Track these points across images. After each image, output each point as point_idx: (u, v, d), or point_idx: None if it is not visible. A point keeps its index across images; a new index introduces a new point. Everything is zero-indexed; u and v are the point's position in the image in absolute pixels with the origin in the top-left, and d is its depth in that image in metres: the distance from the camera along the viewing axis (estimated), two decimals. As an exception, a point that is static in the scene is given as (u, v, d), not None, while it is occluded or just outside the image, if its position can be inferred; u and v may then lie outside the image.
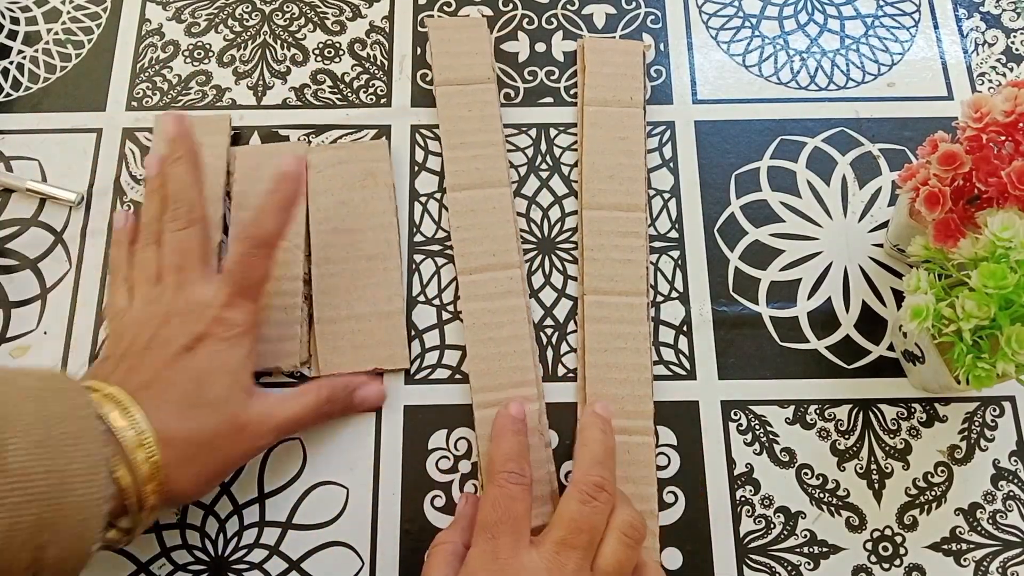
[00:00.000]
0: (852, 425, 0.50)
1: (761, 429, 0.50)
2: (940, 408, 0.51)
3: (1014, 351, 0.40)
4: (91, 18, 0.61)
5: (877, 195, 0.56)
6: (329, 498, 0.48)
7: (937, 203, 0.44)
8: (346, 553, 0.47)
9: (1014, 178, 0.41)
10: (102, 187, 0.56)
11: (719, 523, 0.48)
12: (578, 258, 0.54)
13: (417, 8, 0.62)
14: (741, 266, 0.54)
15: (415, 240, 0.55)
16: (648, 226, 0.55)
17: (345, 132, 0.57)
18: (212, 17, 0.61)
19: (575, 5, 0.62)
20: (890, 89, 0.60)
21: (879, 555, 0.48)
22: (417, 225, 0.55)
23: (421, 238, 0.55)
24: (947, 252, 0.43)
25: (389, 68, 0.60)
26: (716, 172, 0.57)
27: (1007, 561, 0.47)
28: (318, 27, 0.61)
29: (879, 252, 0.55)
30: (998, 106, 0.43)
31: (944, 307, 0.42)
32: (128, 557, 0.47)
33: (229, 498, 0.48)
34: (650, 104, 0.59)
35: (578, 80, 0.59)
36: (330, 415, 0.48)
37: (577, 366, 0.51)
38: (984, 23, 0.62)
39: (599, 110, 0.57)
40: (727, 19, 0.62)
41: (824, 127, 0.58)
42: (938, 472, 0.49)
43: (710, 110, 0.59)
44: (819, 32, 0.62)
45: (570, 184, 0.57)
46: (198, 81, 0.59)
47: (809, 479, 0.49)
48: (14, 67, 0.59)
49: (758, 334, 0.53)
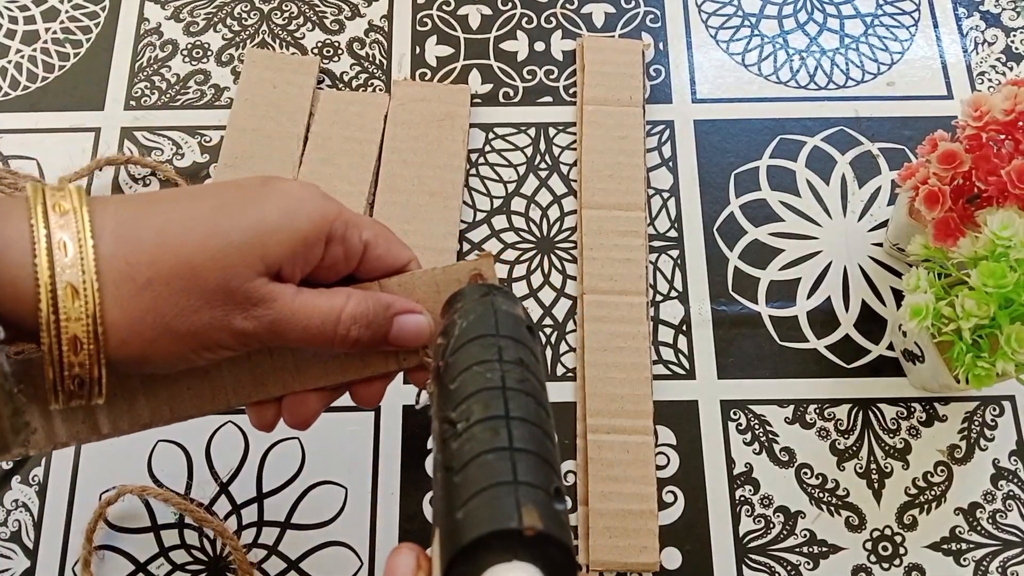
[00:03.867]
0: (852, 424, 0.50)
1: (760, 429, 0.50)
2: (940, 407, 0.51)
3: (1014, 350, 0.39)
4: (89, 17, 0.61)
5: (877, 194, 0.56)
6: (328, 498, 0.48)
7: (937, 202, 0.44)
8: (345, 553, 0.47)
9: (1014, 177, 0.41)
10: (100, 186, 0.56)
11: (718, 523, 0.48)
12: (577, 257, 0.54)
13: (416, 7, 0.62)
14: (740, 265, 0.54)
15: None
16: (647, 225, 0.55)
17: (344, 131, 0.57)
18: (211, 16, 0.61)
19: (574, 4, 0.62)
20: (890, 88, 0.60)
21: (879, 555, 0.47)
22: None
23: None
24: (947, 251, 0.43)
25: (388, 67, 0.60)
26: (715, 171, 0.57)
27: (1007, 561, 0.47)
28: (317, 26, 0.61)
29: (879, 251, 0.55)
30: (998, 105, 0.43)
31: (944, 306, 0.41)
32: (127, 557, 0.47)
33: (228, 497, 0.48)
34: (649, 103, 0.59)
35: (577, 79, 0.59)
36: (354, 341, 0.32)
37: (576, 365, 0.51)
38: (984, 22, 0.62)
39: (598, 109, 0.57)
40: (726, 18, 0.62)
41: (824, 126, 0.58)
42: (938, 472, 0.49)
43: (709, 109, 0.59)
44: (819, 31, 0.62)
45: (569, 183, 0.56)
46: (196, 80, 0.59)
47: (809, 479, 0.49)
48: (12, 66, 0.59)
49: (757, 333, 0.53)
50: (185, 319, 0.28)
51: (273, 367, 0.33)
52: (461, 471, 0.25)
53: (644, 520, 0.47)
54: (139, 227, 0.28)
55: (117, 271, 0.27)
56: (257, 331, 0.30)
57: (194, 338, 0.29)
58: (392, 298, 0.34)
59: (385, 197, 0.54)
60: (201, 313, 0.28)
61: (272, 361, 0.34)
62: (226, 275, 0.28)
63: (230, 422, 0.50)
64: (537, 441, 0.26)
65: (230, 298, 0.29)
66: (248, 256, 0.29)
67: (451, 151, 0.56)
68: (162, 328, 0.28)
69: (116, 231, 0.28)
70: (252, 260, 0.29)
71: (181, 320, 0.28)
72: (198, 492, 0.48)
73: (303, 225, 0.30)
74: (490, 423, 0.26)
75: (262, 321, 0.30)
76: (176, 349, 0.29)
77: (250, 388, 0.33)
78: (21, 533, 0.47)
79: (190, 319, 0.28)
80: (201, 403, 0.33)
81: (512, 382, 0.27)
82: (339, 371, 0.34)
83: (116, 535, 0.47)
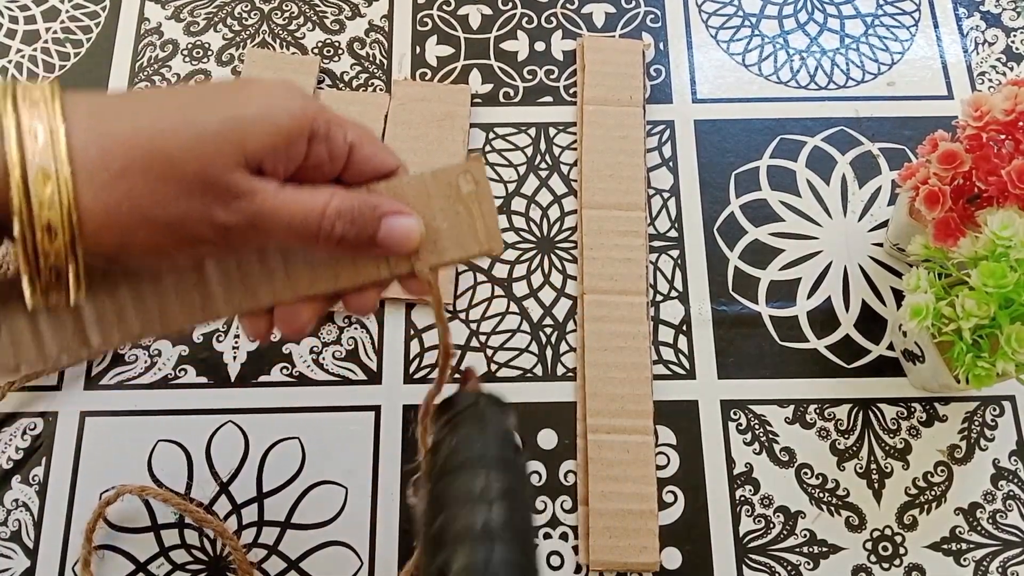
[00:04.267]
0: (852, 424, 0.50)
1: (761, 428, 0.50)
2: (940, 407, 0.51)
3: (1014, 350, 0.39)
4: (90, 17, 0.61)
5: (877, 194, 0.56)
6: (328, 498, 0.48)
7: (937, 202, 0.44)
8: (345, 553, 0.47)
9: (1014, 176, 0.41)
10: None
11: (718, 523, 0.48)
12: (577, 257, 0.54)
13: (416, 7, 0.62)
14: (741, 265, 0.54)
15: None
16: (648, 225, 0.55)
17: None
18: (211, 16, 0.61)
19: (574, 4, 0.62)
20: (890, 88, 0.60)
21: (879, 555, 0.47)
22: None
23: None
24: (947, 251, 0.43)
25: (388, 67, 0.60)
26: (716, 171, 0.57)
27: (1007, 561, 0.47)
28: (317, 26, 0.61)
29: (879, 251, 0.55)
30: (998, 105, 0.43)
31: (944, 306, 0.41)
32: (127, 557, 0.47)
33: (228, 497, 0.48)
34: (649, 103, 0.59)
35: (577, 79, 0.59)
36: (339, 239, 0.31)
37: (577, 365, 0.51)
38: (984, 22, 0.62)
39: (598, 109, 0.57)
40: (727, 18, 0.62)
41: (824, 126, 0.58)
42: (938, 472, 0.49)
43: (710, 109, 0.59)
44: (819, 31, 0.62)
45: (569, 183, 0.56)
46: (197, 80, 0.59)
47: (809, 479, 0.49)
48: (12, 66, 0.59)
49: (758, 333, 0.52)
50: (163, 208, 0.28)
51: (263, 273, 0.33)
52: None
53: (644, 520, 0.47)
54: (113, 118, 0.28)
55: (90, 159, 0.27)
56: (239, 224, 0.29)
57: (173, 229, 0.28)
58: (380, 198, 0.33)
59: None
60: (179, 202, 0.28)
61: (261, 267, 0.33)
62: (203, 164, 0.28)
63: (230, 422, 0.50)
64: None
65: (209, 189, 0.28)
66: (225, 146, 0.28)
67: (451, 151, 0.56)
68: (139, 217, 0.27)
69: (88, 121, 0.27)
70: (230, 150, 0.28)
71: (159, 210, 0.27)
72: (198, 492, 0.48)
73: (283, 119, 0.29)
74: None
75: (244, 214, 0.29)
76: (155, 240, 0.28)
77: (240, 297, 0.33)
78: (21, 533, 0.47)
79: (168, 209, 0.28)
80: (192, 312, 0.32)
81: (497, 525, 0.28)
82: (330, 278, 0.33)
83: (116, 535, 0.47)
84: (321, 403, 0.50)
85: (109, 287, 0.31)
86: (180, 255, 0.29)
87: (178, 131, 0.28)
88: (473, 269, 0.54)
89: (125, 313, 0.32)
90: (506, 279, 0.54)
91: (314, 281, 0.33)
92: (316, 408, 0.50)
